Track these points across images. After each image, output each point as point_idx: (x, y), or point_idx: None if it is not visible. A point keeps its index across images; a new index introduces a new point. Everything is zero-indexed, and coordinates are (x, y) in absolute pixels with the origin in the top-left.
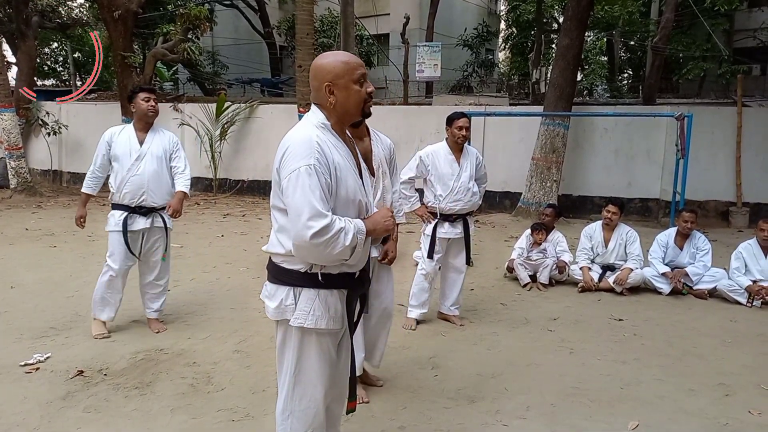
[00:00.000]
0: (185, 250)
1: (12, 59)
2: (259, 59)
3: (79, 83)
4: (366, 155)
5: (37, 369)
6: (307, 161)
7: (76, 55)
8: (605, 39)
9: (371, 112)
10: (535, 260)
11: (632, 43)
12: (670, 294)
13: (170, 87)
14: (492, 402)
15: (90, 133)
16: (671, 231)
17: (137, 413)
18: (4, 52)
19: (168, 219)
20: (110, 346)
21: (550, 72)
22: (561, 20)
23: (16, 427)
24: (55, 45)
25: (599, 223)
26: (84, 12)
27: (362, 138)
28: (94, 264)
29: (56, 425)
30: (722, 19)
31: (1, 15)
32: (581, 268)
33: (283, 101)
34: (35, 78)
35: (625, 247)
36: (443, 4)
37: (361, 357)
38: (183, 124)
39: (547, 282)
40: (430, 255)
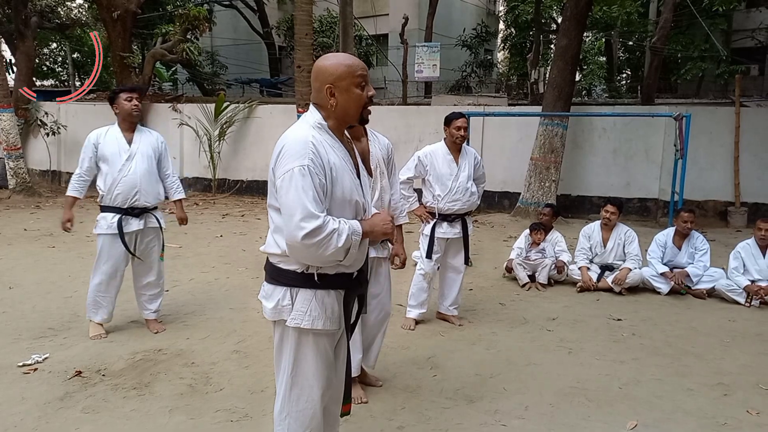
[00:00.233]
0: (184, 251)
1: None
2: (258, 59)
3: (78, 83)
4: (364, 155)
5: (35, 369)
6: (301, 162)
7: (75, 56)
8: (604, 39)
9: (368, 119)
10: (534, 260)
11: (631, 44)
12: (669, 294)
13: (169, 87)
14: (491, 402)
15: (89, 134)
16: (670, 231)
17: (135, 414)
18: (3, 53)
19: (161, 218)
20: (108, 347)
21: (549, 72)
22: (559, 20)
23: (14, 428)
24: (54, 45)
25: (598, 223)
26: (83, 12)
27: (360, 138)
28: (93, 264)
29: (54, 426)
30: (720, 20)
31: (0, 15)
32: (580, 268)
33: (282, 101)
34: (34, 78)
35: (624, 247)
36: (442, 5)
37: (358, 358)
38: (182, 124)
39: (546, 282)
40: (429, 255)
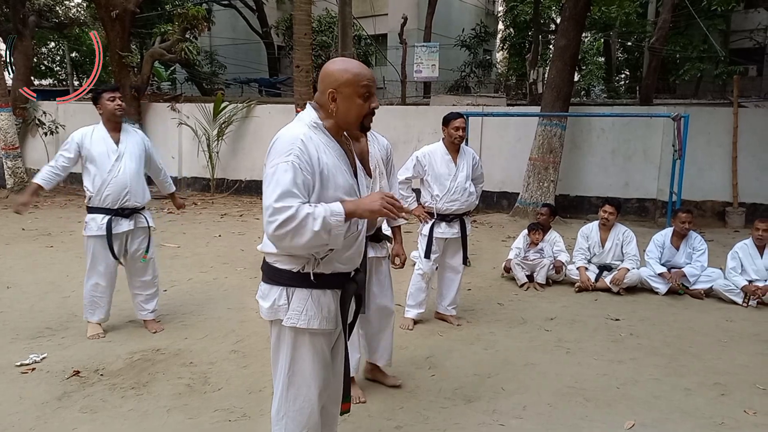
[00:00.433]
0: (182, 250)
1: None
2: (257, 59)
3: (77, 83)
4: (362, 156)
5: (33, 369)
6: (286, 158)
7: (74, 55)
8: (602, 40)
9: (370, 127)
10: (532, 260)
11: (629, 44)
12: (667, 294)
13: (168, 87)
14: (489, 402)
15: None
16: (668, 231)
17: (134, 413)
18: (1, 52)
19: (150, 218)
20: (107, 346)
21: (548, 72)
22: (558, 21)
23: (12, 428)
24: (52, 45)
25: (596, 223)
26: (81, 11)
27: (358, 138)
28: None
29: (52, 426)
30: (719, 20)
31: None
32: (578, 268)
33: (281, 101)
34: (32, 78)
35: (622, 247)
36: (441, 5)
37: (357, 358)
38: (181, 124)
39: (544, 282)
40: (427, 255)
